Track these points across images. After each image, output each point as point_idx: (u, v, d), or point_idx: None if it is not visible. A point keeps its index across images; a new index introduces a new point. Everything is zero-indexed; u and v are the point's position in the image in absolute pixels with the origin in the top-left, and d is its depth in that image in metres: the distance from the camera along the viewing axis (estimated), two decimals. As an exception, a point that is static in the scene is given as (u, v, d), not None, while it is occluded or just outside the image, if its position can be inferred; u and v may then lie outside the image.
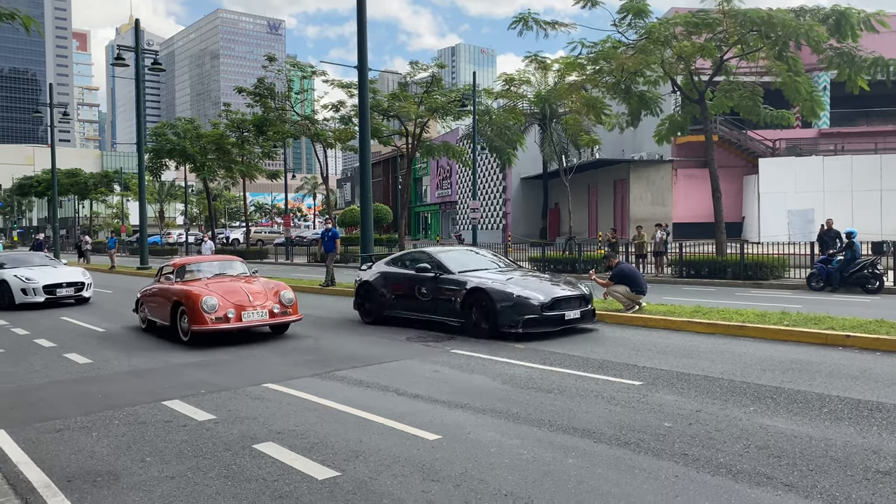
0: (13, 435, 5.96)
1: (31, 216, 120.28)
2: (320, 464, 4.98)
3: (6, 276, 16.42)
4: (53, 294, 16.45)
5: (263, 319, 10.56)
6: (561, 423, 5.88)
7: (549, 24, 21.76)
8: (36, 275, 16.67)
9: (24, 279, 16.27)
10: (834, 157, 36.21)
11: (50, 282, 16.55)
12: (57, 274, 17.19)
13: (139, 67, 28.70)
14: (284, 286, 11.22)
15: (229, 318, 10.18)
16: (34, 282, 16.31)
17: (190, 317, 10.21)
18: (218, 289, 10.70)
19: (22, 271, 16.71)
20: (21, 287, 16.17)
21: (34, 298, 16.16)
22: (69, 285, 16.86)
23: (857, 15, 18.71)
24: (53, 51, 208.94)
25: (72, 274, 17.44)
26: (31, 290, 16.22)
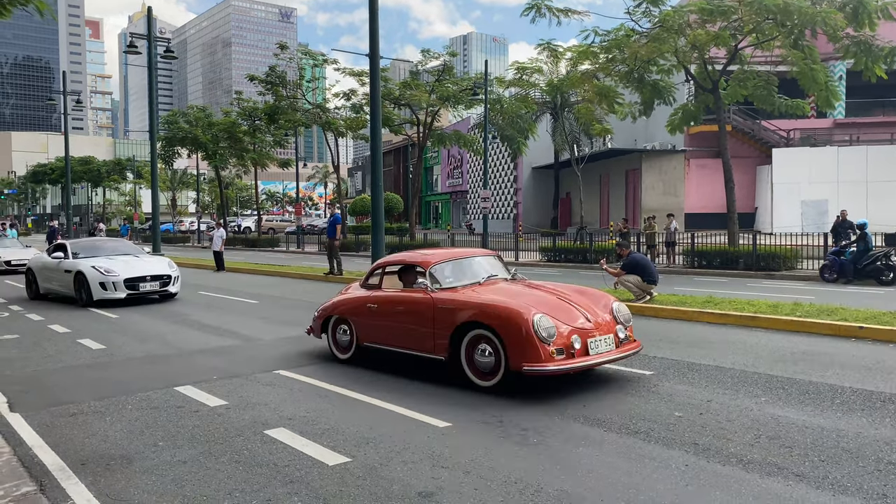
0: (28, 419, 6.03)
1: (44, 203, 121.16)
2: (331, 450, 5.01)
3: (83, 267, 14.17)
4: (136, 289, 14.21)
5: (610, 351, 6.68)
6: (571, 411, 5.88)
7: (562, 12, 21.60)
8: (116, 266, 14.33)
9: (103, 271, 13.99)
10: (849, 148, 35.81)
11: (132, 274, 14.26)
12: (139, 265, 14.81)
13: (152, 55, 28.75)
14: (609, 296, 7.52)
15: (574, 349, 6.39)
16: (114, 274, 14.01)
17: (512, 348, 6.31)
18: (530, 300, 6.83)
19: (101, 262, 14.42)
20: (100, 280, 13.89)
21: (114, 294, 13.95)
22: (154, 279, 14.56)
23: (875, 3, 18.46)
24: (66, 39, 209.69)
25: (156, 265, 15.10)
26: (111, 285, 13.92)
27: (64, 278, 14.61)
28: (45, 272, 15.43)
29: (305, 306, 13.51)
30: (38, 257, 16.36)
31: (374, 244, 18.54)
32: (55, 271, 14.98)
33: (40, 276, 15.57)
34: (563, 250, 25.18)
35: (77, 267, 14.30)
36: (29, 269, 16.04)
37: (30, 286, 15.95)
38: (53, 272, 15.07)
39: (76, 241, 16.69)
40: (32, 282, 15.82)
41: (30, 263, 16.14)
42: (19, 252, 24.57)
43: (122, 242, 17.81)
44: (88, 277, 13.93)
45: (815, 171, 34.19)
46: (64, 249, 15.21)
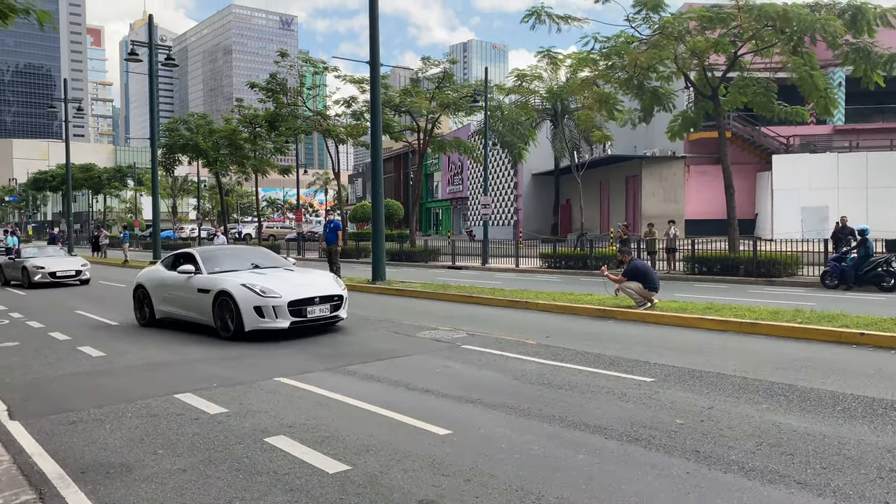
0: (28, 427, 6.01)
1: (45, 210, 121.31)
2: (331, 457, 5.00)
3: (228, 285, 10.43)
4: (302, 315, 10.34)
5: None
6: (572, 419, 5.86)
7: (562, 19, 21.69)
8: (274, 283, 10.54)
9: (258, 290, 10.25)
10: (848, 154, 35.86)
11: (297, 295, 10.45)
12: (301, 282, 10.95)
13: (153, 63, 28.83)
14: None
15: None
16: (274, 295, 10.22)
17: None
18: None
19: (251, 277, 10.72)
20: (256, 304, 10.14)
21: (275, 322, 10.15)
22: (323, 300, 10.67)
23: (873, 10, 18.54)
24: (68, 46, 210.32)
25: (321, 281, 11.30)
26: (272, 310, 10.13)
27: (197, 301, 10.99)
28: (165, 291, 11.85)
29: (306, 313, 13.50)
30: (153, 271, 12.60)
31: (375, 251, 18.55)
32: (182, 290, 11.38)
33: (157, 295, 11.97)
34: (563, 257, 25.19)
35: (219, 285, 10.54)
36: (139, 286, 12.40)
37: (140, 307, 12.42)
38: (179, 291, 11.45)
39: (203, 249, 13.08)
40: (144, 302, 12.30)
41: (141, 279, 12.43)
42: (66, 262, 22.42)
43: (254, 250, 13.71)
44: (239, 300, 10.11)
45: (815, 177, 34.24)
46: (192, 260, 11.56)
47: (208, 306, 10.70)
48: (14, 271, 22.13)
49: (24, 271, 21.29)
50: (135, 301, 12.57)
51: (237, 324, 10.21)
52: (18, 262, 21.94)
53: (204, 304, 10.81)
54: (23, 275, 21.38)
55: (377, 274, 18.31)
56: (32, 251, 23.78)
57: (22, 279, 21.49)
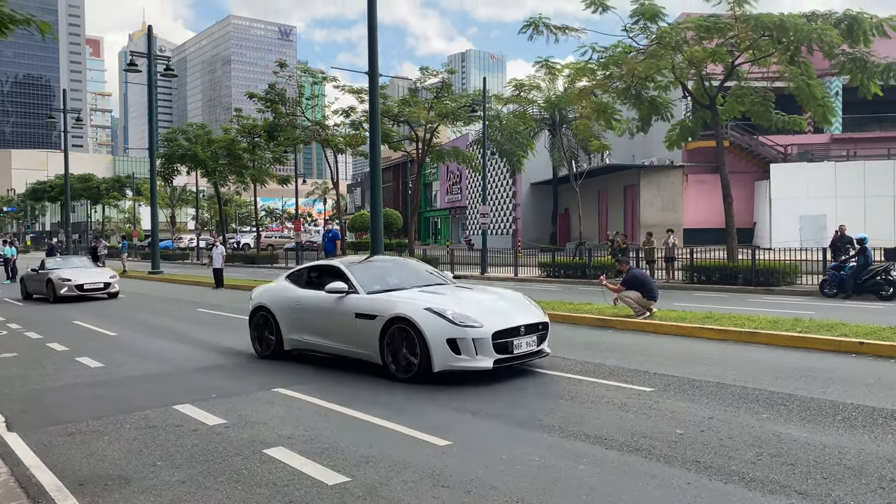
0: (25, 438, 5.99)
1: (44, 221, 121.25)
2: (330, 469, 4.98)
3: (409, 309, 7.82)
4: (508, 350, 7.72)
5: None
6: (572, 429, 5.85)
7: (559, 29, 21.75)
8: (468, 308, 7.88)
9: (450, 318, 7.59)
10: (846, 163, 35.97)
11: (501, 325, 7.78)
12: (502, 311, 8.15)
13: (152, 74, 28.91)
14: None
15: None
16: (474, 325, 7.58)
17: None
18: None
19: (435, 300, 8.03)
20: (450, 336, 7.52)
21: (474, 361, 7.55)
22: (529, 330, 8.04)
23: (870, 20, 18.61)
24: (67, 57, 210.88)
25: (522, 307, 8.50)
26: (471, 344, 7.53)
27: (355, 329, 8.35)
28: (301, 315, 9.19)
29: (304, 323, 13.49)
30: (278, 288, 9.80)
31: (374, 261, 18.51)
32: (329, 315, 8.72)
33: (289, 320, 9.30)
34: (562, 266, 25.19)
35: (392, 309, 7.96)
36: (260, 307, 9.75)
37: (260, 336, 9.77)
38: (325, 317, 8.81)
39: (348, 260, 9.89)
40: (267, 329, 9.66)
41: (262, 298, 9.82)
42: (93, 274, 20.99)
43: (397, 260, 10.87)
44: (426, 330, 7.52)
45: (813, 186, 34.34)
46: (340, 276, 8.83)
47: (373, 337, 8.06)
48: (38, 284, 20.59)
49: (49, 284, 19.74)
50: (253, 328, 9.93)
51: (422, 362, 7.60)
52: (42, 274, 20.42)
53: (366, 335, 8.18)
54: (47, 288, 19.87)
55: (376, 284, 18.26)
56: (57, 262, 21.90)
57: (46, 292, 19.97)
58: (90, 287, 19.90)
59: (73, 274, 20.17)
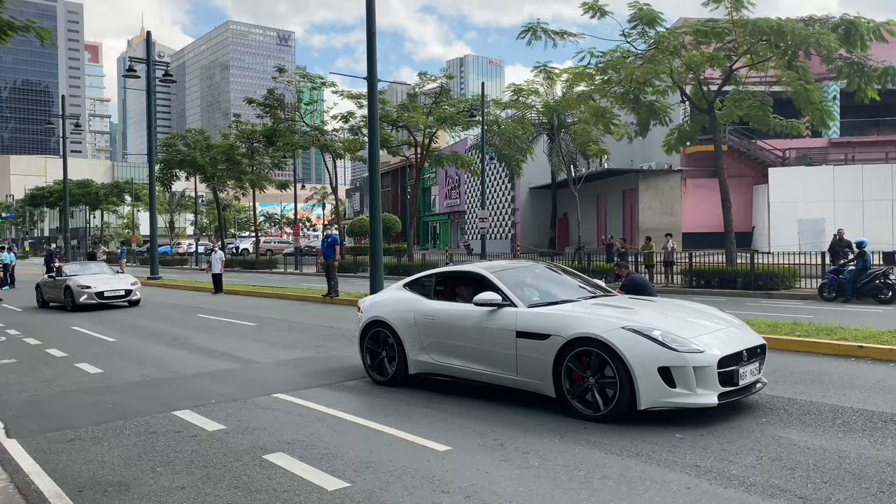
0: (25, 445, 5.98)
1: (42, 227, 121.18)
2: (330, 474, 4.97)
3: (599, 328, 6.26)
4: (733, 382, 6.24)
5: None
6: (571, 434, 5.84)
7: (557, 34, 21.80)
8: (682, 329, 6.35)
9: (661, 340, 6.06)
10: (844, 167, 36.03)
11: (725, 350, 6.22)
12: (715, 330, 6.56)
13: (150, 79, 28.94)
14: None
15: None
16: (693, 350, 6.06)
17: None
18: None
19: (629, 316, 6.52)
20: (662, 364, 5.99)
21: (695, 396, 6.00)
22: (750, 355, 6.55)
23: (867, 24, 18.67)
24: (66, 63, 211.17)
25: (733, 325, 6.94)
26: (690, 375, 5.97)
27: (515, 352, 6.70)
28: (435, 332, 7.52)
29: (303, 329, 13.50)
30: (398, 300, 8.06)
31: (373, 265, 18.53)
32: (477, 333, 7.08)
33: (417, 338, 7.63)
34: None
35: (572, 327, 6.36)
36: (376, 322, 8.03)
37: (376, 356, 8.08)
38: (471, 335, 7.15)
39: (493, 266, 8.07)
40: (385, 348, 7.96)
41: (379, 311, 8.06)
42: (114, 280, 19.80)
43: (546, 269, 8.57)
44: (629, 356, 5.98)
45: (812, 190, 34.39)
46: (488, 285, 7.21)
47: (544, 363, 6.40)
48: (54, 291, 19.71)
49: (68, 291, 18.76)
50: (365, 348, 8.22)
51: (622, 396, 6.01)
52: (60, 281, 19.47)
53: (532, 359, 6.50)
54: (65, 295, 18.89)
55: (375, 288, 18.24)
56: (75, 268, 20.86)
57: (64, 300, 18.99)
58: (111, 294, 18.99)
59: (93, 280, 19.19)
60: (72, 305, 18.68)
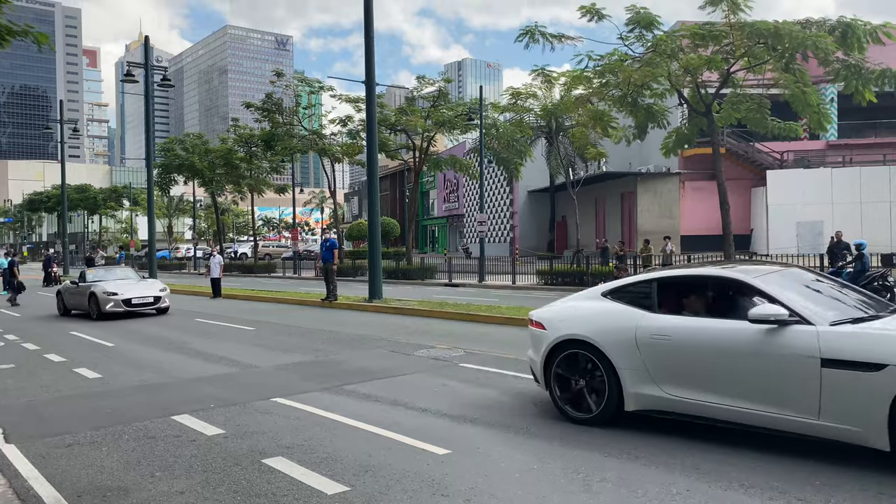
0: (23, 450, 5.97)
1: (40, 231, 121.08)
2: (330, 478, 4.97)
3: None
4: None
5: None
6: (571, 437, 5.84)
7: (555, 38, 21.83)
8: None
9: None
10: (842, 169, 36.08)
11: None
12: None
13: (148, 84, 28.95)
14: None
15: None
16: None
17: None
18: None
19: None
20: None
21: None
22: None
23: (864, 27, 18.72)
24: (64, 68, 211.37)
25: None
26: None
27: (814, 386, 4.96)
28: (667, 357, 5.78)
29: (302, 333, 13.50)
30: (601, 311, 6.38)
31: (372, 269, 18.56)
32: (748, 360, 5.31)
33: (638, 362, 5.90)
34: (559, 273, 25.20)
35: None
36: (572, 339, 6.33)
37: (566, 386, 6.38)
38: (735, 363, 5.39)
39: (751, 270, 6.12)
40: (589, 373, 6.24)
41: (577, 327, 6.33)
42: (141, 287, 18.36)
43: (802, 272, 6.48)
44: None
45: (810, 192, 34.43)
46: (759, 293, 5.49)
47: (869, 404, 4.70)
48: (77, 299, 18.38)
49: (93, 298, 17.44)
50: (554, 375, 6.43)
51: None
52: (83, 287, 18.17)
53: (848, 399, 4.81)
54: (90, 303, 17.54)
55: (374, 292, 18.29)
56: (99, 273, 19.75)
57: (89, 308, 17.59)
58: (139, 302, 17.54)
59: (120, 287, 17.79)
60: (97, 313, 17.33)
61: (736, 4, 19.26)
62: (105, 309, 17.18)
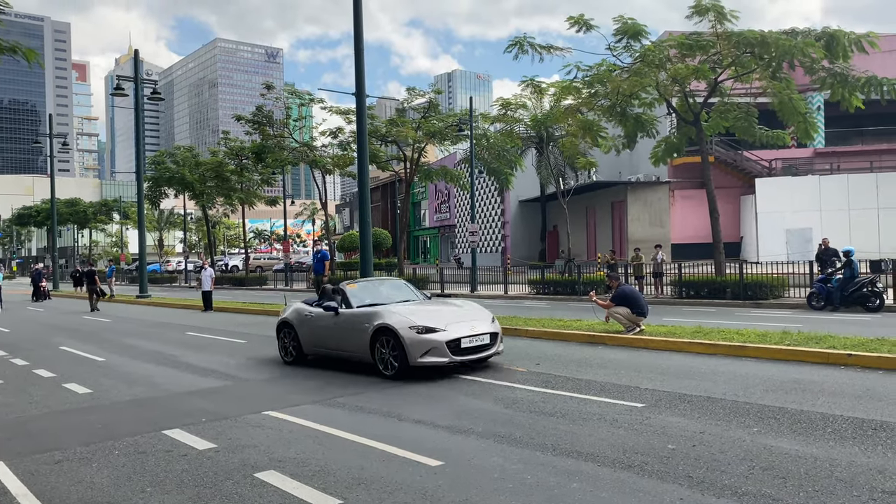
0: (12, 467, 5.91)
1: (30, 246, 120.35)
2: (322, 492, 4.94)
3: None
4: None
5: None
6: (564, 446, 5.84)
7: (544, 48, 21.97)
8: None
9: None
10: (830, 177, 36.36)
11: None
12: None
13: (138, 97, 28.91)
14: None
15: None
16: None
17: None
18: None
19: None
20: None
21: None
22: None
23: (848, 36, 18.93)
24: (53, 82, 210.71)
25: None
26: None
27: None
28: None
29: (294, 345, 13.42)
30: None
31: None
32: None
33: None
34: (551, 283, 25.23)
35: None
36: None
37: None
38: None
39: None
40: None
41: None
42: (466, 318, 9.58)
43: None
44: None
45: (798, 199, 34.65)
46: None
47: None
48: (338, 336, 10.29)
49: (384, 338, 9.39)
50: None
51: None
52: (352, 317, 10.08)
53: None
54: (379, 345, 9.46)
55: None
56: (366, 290, 11.07)
57: (371, 355, 9.59)
58: (473, 344, 9.40)
59: (431, 317, 9.58)
60: (397, 368, 9.21)
61: (722, 14, 19.45)
62: (417, 359, 9.06)
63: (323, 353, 10.77)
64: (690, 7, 19.77)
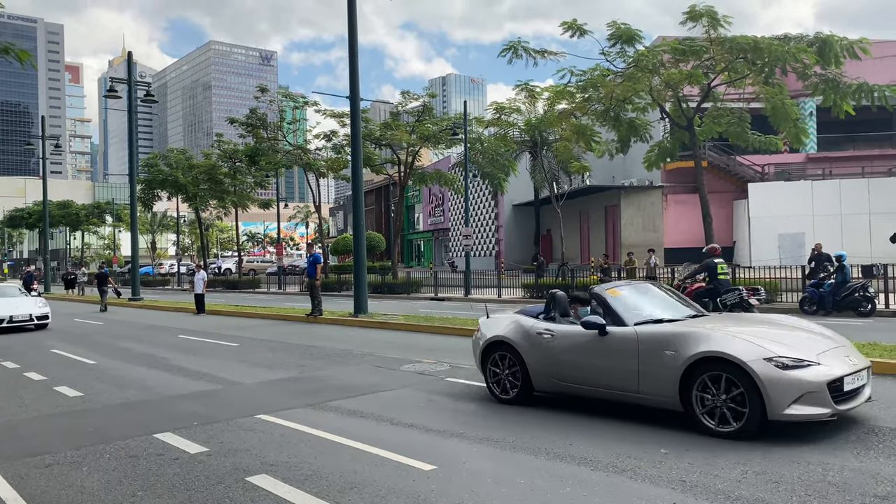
0: (2, 471, 5.86)
1: (21, 248, 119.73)
2: (315, 496, 4.92)
3: None
4: None
5: None
6: (557, 450, 5.83)
7: (538, 53, 22.05)
8: None
9: None
10: (822, 182, 36.56)
11: None
12: None
13: (132, 100, 28.83)
14: None
15: None
16: None
17: None
18: None
19: None
20: None
21: None
22: None
23: (840, 42, 19.05)
24: (46, 83, 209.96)
25: None
26: None
27: None
28: None
29: (286, 349, 13.40)
30: None
31: (357, 283, 18.50)
32: None
33: None
34: (545, 286, 25.23)
35: None
36: None
37: None
38: None
39: None
40: None
41: None
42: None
43: None
44: None
45: (791, 204, 34.82)
46: None
47: None
48: (626, 368, 6.66)
49: (736, 378, 5.92)
50: None
51: None
52: (649, 340, 6.56)
53: None
54: (716, 388, 6.03)
55: (359, 307, 18.22)
56: (645, 296, 7.72)
57: (712, 403, 6.07)
58: (855, 385, 6.19)
59: (786, 344, 6.21)
60: (745, 420, 5.91)
61: (716, 20, 19.55)
62: (784, 410, 5.82)
63: (569, 389, 7.35)
64: (684, 12, 19.88)
